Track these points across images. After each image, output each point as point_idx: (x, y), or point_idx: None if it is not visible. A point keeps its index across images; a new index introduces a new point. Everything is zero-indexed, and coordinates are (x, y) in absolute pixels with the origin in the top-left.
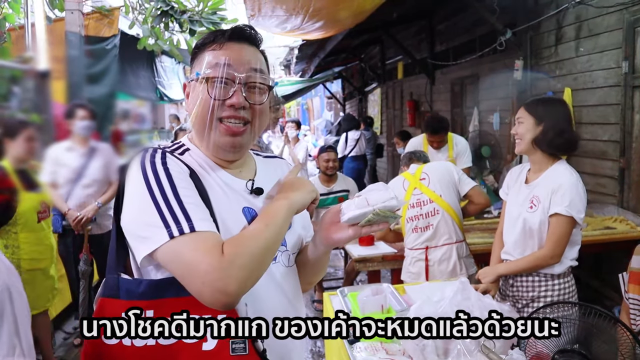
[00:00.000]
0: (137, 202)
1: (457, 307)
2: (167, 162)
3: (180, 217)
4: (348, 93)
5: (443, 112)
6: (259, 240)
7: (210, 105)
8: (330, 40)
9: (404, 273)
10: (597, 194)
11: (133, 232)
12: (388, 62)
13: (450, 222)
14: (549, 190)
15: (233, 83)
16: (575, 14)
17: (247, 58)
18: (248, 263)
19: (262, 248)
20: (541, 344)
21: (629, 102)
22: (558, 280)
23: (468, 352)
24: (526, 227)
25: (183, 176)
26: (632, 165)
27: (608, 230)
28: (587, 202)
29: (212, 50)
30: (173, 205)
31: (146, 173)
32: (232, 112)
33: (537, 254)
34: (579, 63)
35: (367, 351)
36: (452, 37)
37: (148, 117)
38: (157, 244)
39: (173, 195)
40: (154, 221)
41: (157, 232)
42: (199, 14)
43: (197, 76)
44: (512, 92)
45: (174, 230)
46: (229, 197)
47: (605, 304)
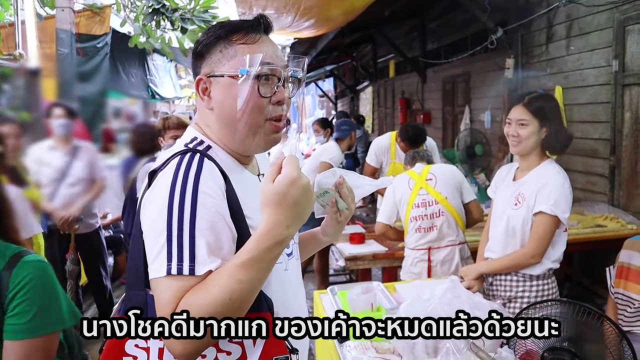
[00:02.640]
0: (154, 219)
1: (447, 305)
2: (199, 180)
3: (185, 255)
4: (340, 91)
5: (434, 110)
6: (219, 305)
7: (262, 104)
8: (321, 39)
9: (405, 273)
10: (587, 192)
11: (147, 246)
12: (380, 60)
13: (454, 224)
14: (535, 188)
15: (276, 79)
16: (565, 13)
17: (279, 52)
18: (193, 330)
19: (221, 313)
20: (530, 342)
21: (619, 101)
22: (537, 281)
23: (457, 351)
24: (509, 225)
25: (210, 202)
26: (622, 163)
27: (599, 228)
28: (578, 200)
29: (245, 44)
30: (184, 238)
31: (173, 192)
32: (279, 110)
33: (518, 252)
34: (570, 61)
35: (357, 350)
36: (444, 36)
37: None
38: (157, 273)
39: (189, 225)
40: (161, 249)
41: (161, 262)
42: (190, 12)
43: (244, 73)
44: (504, 91)
45: (173, 267)
46: (253, 197)
47: (596, 301)
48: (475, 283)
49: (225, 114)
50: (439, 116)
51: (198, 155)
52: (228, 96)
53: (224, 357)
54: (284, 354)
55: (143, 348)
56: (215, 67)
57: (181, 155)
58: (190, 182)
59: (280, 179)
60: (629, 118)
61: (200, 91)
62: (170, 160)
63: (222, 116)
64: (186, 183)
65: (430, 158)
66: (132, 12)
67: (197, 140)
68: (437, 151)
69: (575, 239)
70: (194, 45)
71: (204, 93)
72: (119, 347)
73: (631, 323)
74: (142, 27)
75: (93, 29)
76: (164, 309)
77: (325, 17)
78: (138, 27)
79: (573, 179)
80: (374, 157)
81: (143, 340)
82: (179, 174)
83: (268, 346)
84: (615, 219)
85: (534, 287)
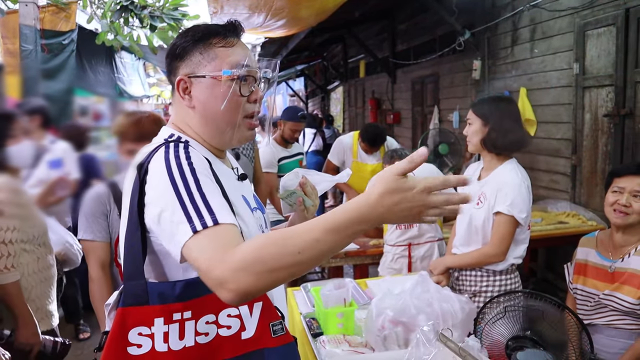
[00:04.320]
0: (162, 200)
1: (416, 299)
2: (190, 156)
3: (204, 212)
4: (311, 91)
5: (404, 110)
6: (286, 261)
7: (241, 103)
8: (292, 38)
9: (384, 269)
10: (551, 190)
11: (161, 231)
12: (350, 60)
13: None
14: (495, 188)
15: (253, 79)
16: (530, 17)
17: (252, 54)
18: (259, 275)
19: (286, 271)
20: (496, 331)
21: (579, 102)
22: (500, 276)
23: (427, 342)
24: (472, 223)
25: (206, 171)
26: (583, 163)
27: (561, 225)
28: (542, 198)
29: (224, 47)
30: (197, 200)
31: (171, 169)
32: (255, 108)
33: (482, 250)
34: (534, 64)
35: (331, 344)
36: (413, 37)
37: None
38: (182, 241)
39: (197, 189)
40: (179, 219)
41: (182, 228)
42: (159, 9)
43: (227, 74)
44: (471, 91)
45: (197, 225)
46: (230, 186)
47: (559, 295)
48: (443, 278)
49: (207, 112)
50: (408, 116)
51: (182, 143)
52: (211, 95)
53: (224, 331)
54: (278, 319)
55: (147, 335)
56: (196, 68)
57: (165, 145)
58: (183, 159)
59: (410, 181)
60: (589, 119)
61: (181, 91)
62: (155, 151)
63: (205, 114)
64: (180, 161)
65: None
66: (99, 8)
67: (175, 136)
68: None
69: (539, 235)
70: (170, 46)
71: (185, 92)
72: (122, 338)
73: (591, 316)
74: (109, 24)
75: (58, 25)
76: (214, 252)
77: (297, 18)
78: (106, 24)
79: (537, 177)
80: (336, 155)
81: (147, 327)
82: (170, 157)
83: (264, 314)
84: (577, 215)
85: (497, 282)
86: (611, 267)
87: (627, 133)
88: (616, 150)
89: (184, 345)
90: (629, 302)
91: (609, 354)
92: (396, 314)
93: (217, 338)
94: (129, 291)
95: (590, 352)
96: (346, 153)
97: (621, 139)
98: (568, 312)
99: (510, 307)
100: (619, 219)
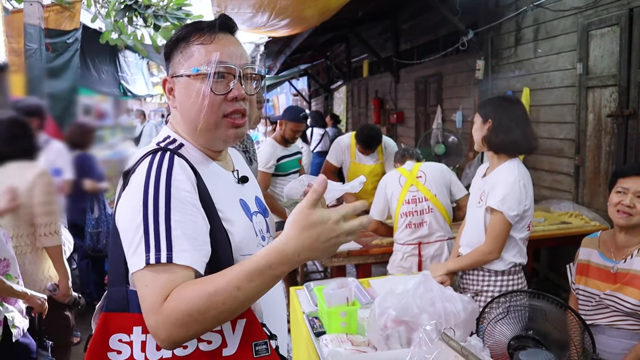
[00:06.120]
0: (130, 215)
1: (419, 298)
2: (172, 175)
3: (163, 246)
4: (314, 90)
5: (407, 110)
6: (212, 314)
7: (216, 101)
8: (296, 38)
9: (393, 268)
10: (554, 190)
11: (124, 243)
12: (353, 60)
13: (442, 220)
14: (491, 185)
15: (232, 77)
16: (533, 17)
17: (239, 50)
18: (188, 326)
19: (214, 320)
20: (498, 331)
21: (583, 102)
22: (501, 277)
23: (430, 341)
24: (474, 221)
25: (184, 191)
26: (586, 163)
27: (564, 225)
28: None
29: (202, 44)
30: (161, 231)
31: (147, 188)
32: (235, 106)
33: (478, 249)
34: (537, 64)
35: (334, 343)
36: (417, 37)
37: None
38: (134, 267)
39: (165, 219)
40: (139, 243)
41: (140, 255)
42: (163, 9)
43: (196, 72)
44: (474, 91)
45: (151, 257)
46: (225, 190)
47: (562, 295)
48: (447, 278)
49: (185, 112)
50: (411, 116)
51: (168, 153)
52: (186, 95)
53: (204, 346)
54: (263, 339)
55: (126, 342)
56: (177, 67)
57: (152, 154)
58: (162, 178)
59: (324, 214)
60: (592, 119)
61: (167, 91)
62: (142, 160)
63: (184, 114)
64: (159, 179)
65: (419, 156)
66: (104, 7)
67: (170, 139)
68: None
69: (542, 235)
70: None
71: (170, 93)
72: (103, 343)
73: (592, 316)
74: (113, 23)
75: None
76: (152, 297)
77: (300, 17)
78: (110, 24)
79: (540, 177)
80: (334, 156)
81: (126, 335)
82: (151, 172)
83: (247, 332)
84: (580, 216)
85: (497, 282)
86: (613, 268)
87: (631, 133)
88: (619, 150)
89: (161, 357)
90: (631, 303)
91: (611, 355)
92: (399, 313)
93: (196, 352)
94: (112, 297)
95: (592, 352)
96: (345, 154)
97: (624, 139)
98: (570, 312)
99: (512, 306)
100: (622, 220)
